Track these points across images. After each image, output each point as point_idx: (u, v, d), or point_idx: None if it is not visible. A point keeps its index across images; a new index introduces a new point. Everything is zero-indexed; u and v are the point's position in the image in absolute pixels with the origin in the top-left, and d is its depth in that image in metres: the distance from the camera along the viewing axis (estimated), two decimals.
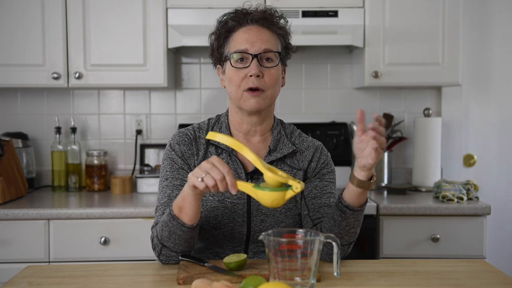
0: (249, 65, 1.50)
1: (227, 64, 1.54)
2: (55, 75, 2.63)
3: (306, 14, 2.63)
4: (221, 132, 1.59)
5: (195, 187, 1.33)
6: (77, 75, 2.64)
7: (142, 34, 2.65)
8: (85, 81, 2.66)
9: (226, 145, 1.55)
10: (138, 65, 2.66)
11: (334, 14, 2.63)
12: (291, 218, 1.55)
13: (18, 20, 2.62)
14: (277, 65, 1.53)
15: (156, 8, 2.64)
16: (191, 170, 1.56)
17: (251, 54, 1.50)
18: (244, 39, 1.51)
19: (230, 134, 1.59)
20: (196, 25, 2.64)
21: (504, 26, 3.03)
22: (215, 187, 1.30)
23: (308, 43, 2.70)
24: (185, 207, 1.39)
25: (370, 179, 1.39)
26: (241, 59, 1.51)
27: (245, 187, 1.31)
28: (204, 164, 1.31)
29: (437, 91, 3.04)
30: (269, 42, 1.52)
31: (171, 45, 2.66)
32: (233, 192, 1.29)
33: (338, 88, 3.05)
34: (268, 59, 1.52)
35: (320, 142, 1.67)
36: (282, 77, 1.59)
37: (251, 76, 1.49)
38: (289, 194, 1.28)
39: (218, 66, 1.61)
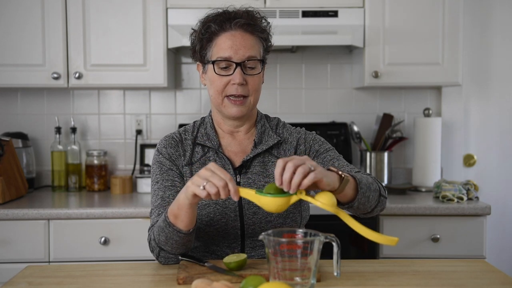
0: (233, 73, 1.51)
1: (209, 67, 1.55)
2: (55, 75, 2.63)
3: (306, 14, 2.63)
4: (206, 132, 1.60)
5: (195, 195, 1.31)
6: (77, 75, 2.64)
7: (142, 34, 2.65)
8: (85, 81, 2.66)
9: (212, 143, 1.58)
10: (138, 65, 2.66)
11: (334, 14, 2.63)
12: None
13: (18, 20, 2.62)
14: (260, 72, 1.55)
15: (156, 8, 2.64)
16: (179, 171, 1.57)
17: (235, 62, 1.51)
18: (228, 46, 1.51)
19: (215, 132, 1.61)
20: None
21: (504, 26, 3.03)
22: (217, 194, 1.28)
23: (308, 43, 2.70)
24: (181, 215, 1.38)
25: (342, 178, 1.32)
26: (225, 67, 1.52)
27: (247, 193, 1.29)
28: (203, 171, 1.29)
29: (437, 91, 3.04)
30: (252, 48, 1.53)
31: (171, 45, 2.66)
32: (235, 199, 1.27)
33: (338, 88, 3.05)
34: (251, 66, 1.53)
35: (304, 128, 1.68)
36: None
37: (234, 84, 1.51)
38: (294, 198, 1.26)
39: (198, 63, 1.62)
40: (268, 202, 1.26)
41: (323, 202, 1.24)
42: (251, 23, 1.54)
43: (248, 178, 1.56)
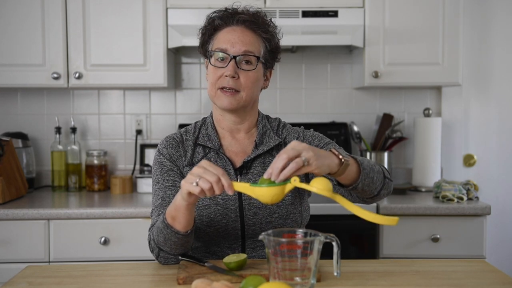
0: (226, 65, 1.52)
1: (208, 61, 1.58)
2: (55, 75, 2.63)
3: (306, 14, 2.63)
4: (207, 132, 1.60)
5: (190, 193, 1.30)
6: (77, 75, 2.64)
7: (142, 34, 2.65)
8: (85, 81, 2.66)
9: (213, 144, 1.58)
10: (138, 65, 2.66)
11: (334, 14, 2.63)
12: (284, 209, 1.54)
13: (18, 20, 2.62)
14: (255, 68, 1.54)
15: (156, 8, 2.64)
16: (180, 172, 1.58)
17: (230, 55, 1.51)
18: (226, 39, 1.53)
19: (216, 132, 1.61)
20: (196, 25, 2.57)
21: (504, 26, 3.03)
22: (211, 190, 1.27)
23: (308, 43, 2.70)
24: (178, 217, 1.38)
25: (342, 162, 1.32)
26: (221, 59, 1.53)
27: (242, 186, 1.29)
28: (195, 169, 1.29)
29: (437, 91, 3.04)
30: (250, 44, 1.53)
31: (171, 45, 2.66)
32: (230, 193, 1.27)
33: (338, 88, 3.05)
34: (247, 61, 1.53)
35: (302, 127, 1.67)
36: (266, 80, 1.61)
37: (226, 76, 1.51)
38: (289, 187, 1.25)
39: (206, 59, 1.63)
40: (263, 193, 1.25)
41: (319, 188, 1.23)
42: (254, 20, 1.55)
43: (248, 178, 1.56)
